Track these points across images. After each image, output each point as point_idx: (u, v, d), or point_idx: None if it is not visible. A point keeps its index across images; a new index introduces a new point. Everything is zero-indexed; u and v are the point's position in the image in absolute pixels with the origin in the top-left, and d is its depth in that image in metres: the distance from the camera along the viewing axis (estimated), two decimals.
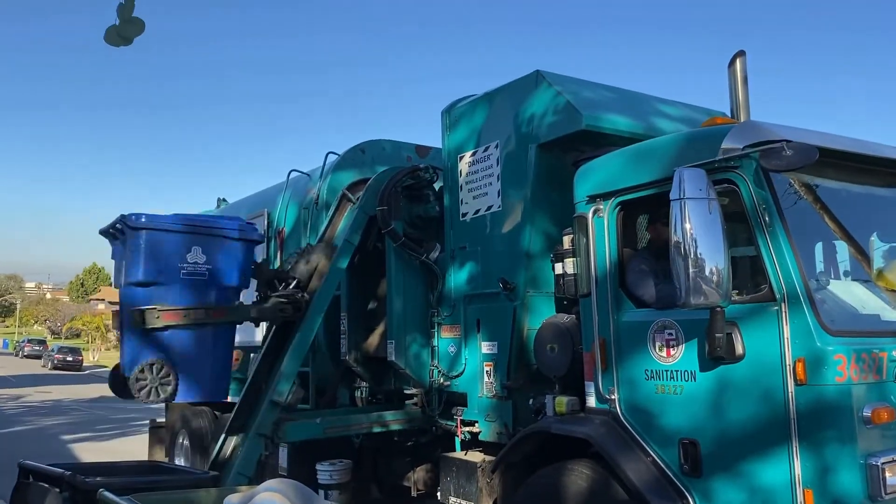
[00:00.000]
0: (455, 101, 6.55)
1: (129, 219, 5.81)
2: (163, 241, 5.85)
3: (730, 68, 4.95)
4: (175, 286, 5.87)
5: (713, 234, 3.70)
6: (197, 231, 6.01)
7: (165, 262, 5.84)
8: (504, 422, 5.62)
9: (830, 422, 3.59)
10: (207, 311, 5.97)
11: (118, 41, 3.49)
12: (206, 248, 5.98)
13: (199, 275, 5.94)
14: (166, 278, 5.84)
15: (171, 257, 5.86)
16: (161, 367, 5.82)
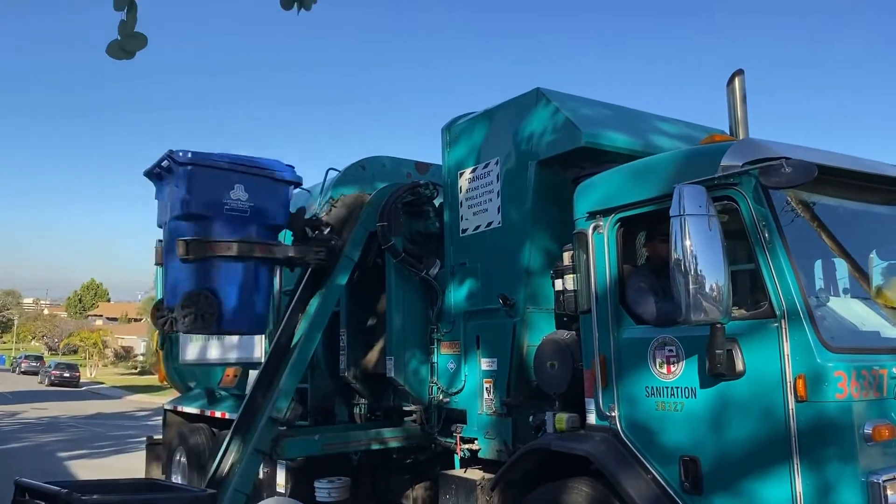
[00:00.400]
0: (455, 118, 6.58)
1: (177, 154, 5.97)
2: (208, 176, 6.03)
3: (728, 87, 4.99)
4: (218, 221, 6.04)
5: (713, 251, 3.71)
6: (240, 169, 6.19)
7: (210, 196, 6.03)
8: (504, 439, 5.59)
9: (831, 439, 3.58)
10: (251, 245, 6.11)
11: (121, 54, 3.51)
12: (248, 186, 6.16)
13: (241, 211, 6.12)
14: (210, 213, 6.03)
15: (215, 193, 6.04)
16: (206, 297, 5.92)
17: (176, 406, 9.76)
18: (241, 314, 6.15)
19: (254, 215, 6.19)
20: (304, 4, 3.69)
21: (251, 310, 6.25)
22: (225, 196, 6.06)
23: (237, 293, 6.11)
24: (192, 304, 5.86)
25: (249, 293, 6.20)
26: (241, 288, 6.14)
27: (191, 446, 9.00)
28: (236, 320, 6.15)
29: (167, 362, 10.72)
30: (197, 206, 6.00)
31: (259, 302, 6.36)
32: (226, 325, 6.09)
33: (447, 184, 6.50)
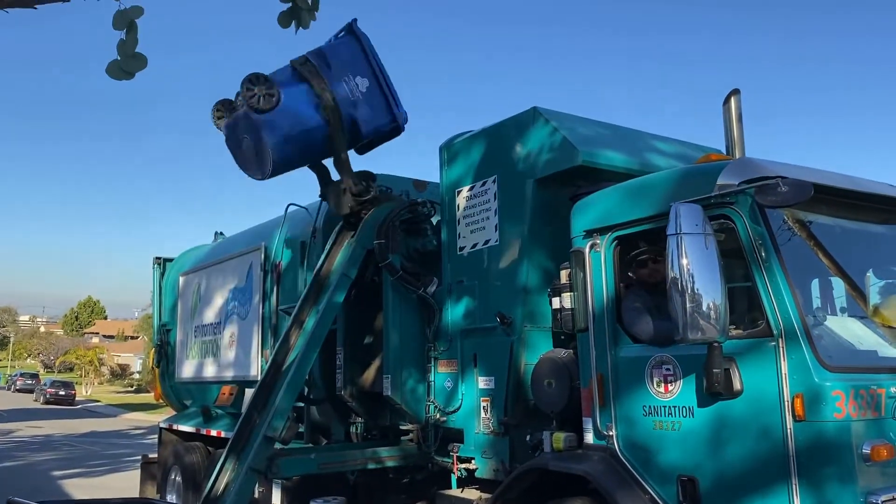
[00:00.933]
0: (453, 137, 6.61)
1: (356, 25, 6.80)
2: (355, 51, 6.76)
3: (725, 106, 5.01)
4: (332, 81, 6.57)
5: (710, 270, 3.71)
6: (377, 75, 6.74)
7: (343, 62, 6.67)
8: (501, 458, 5.56)
9: (830, 459, 3.57)
10: (335, 107, 6.51)
11: (121, 75, 3.54)
12: (370, 88, 6.71)
13: (350, 94, 6.62)
14: (333, 69, 6.60)
15: (348, 64, 6.67)
16: (269, 83, 6.31)
17: (171, 424, 9.70)
18: (280, 130, 6.42)
19: (354, 106, 6.62)
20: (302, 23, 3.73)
21: (286, 140, 6.49)
22: (351, 73, 6.63)
23: (295, 113, 6.47)
24: (253, 87, 6.28)
25: (299, 127, 6.52)
26: (300, 114, 6.51)
27: (186, 465, 8.94)
28: (273, 128, 6.38)
29: (163, 380, 10.68)
30: (333, 56, 6.62)
31: (296, 148, 6.62)
32: (265, 125, 6.34)
33: (445, 202, 6.51)
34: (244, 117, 6.41)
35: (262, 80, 6.31)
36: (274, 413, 6.13)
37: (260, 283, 8.28)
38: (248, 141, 6.50)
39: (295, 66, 6.55)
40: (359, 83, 6.58)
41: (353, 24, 6.74)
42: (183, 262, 10.89)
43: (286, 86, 6.44)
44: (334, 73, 6.57)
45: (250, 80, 6.28)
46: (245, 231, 9.83)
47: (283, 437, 6.12)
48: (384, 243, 6.65)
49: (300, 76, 6.52)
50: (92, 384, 61.14)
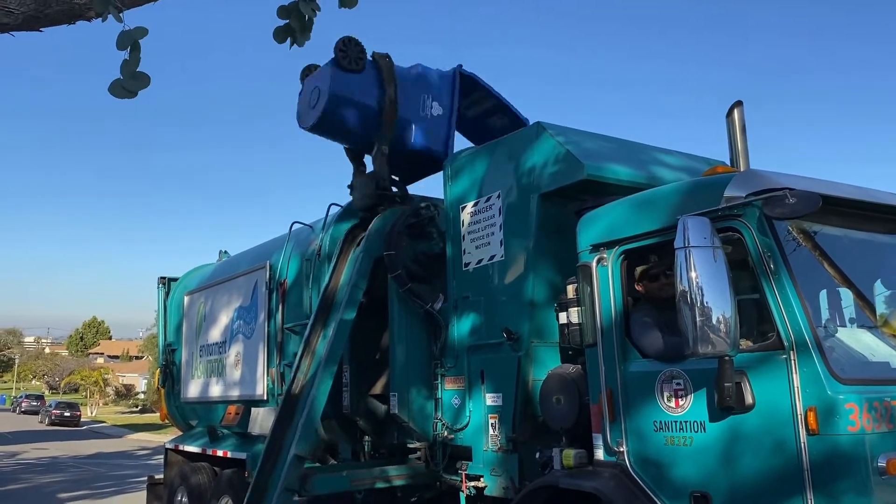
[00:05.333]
0: (456, 153, 6.62)
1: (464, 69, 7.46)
2: (436, 79, 7.35)
3: (728, 118, 5.01)
4: (411, 96, 7.09)
5: (719, 283, 3.68)
6: (453, 108, 7.27)
7: (426, 86, 7.23)
8: (510, 476, 5.50)
9: (845, 472, 3.51)
10: (393, 107, 6.97)
11: (123, 93, 3.55)
12: (441, 116, 7.26)
13: (421, 111, 7.12)
14: (413, 87, 7.17)
15: (430, 88, 7.24)
16: (362, 48, 6.97)
17: (177, 445, 9.65)
18: (347, 90, 6.91)
19: (418, 119, 7.09)
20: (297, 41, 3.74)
21: (345, 103, 6.94)
22: (429, 96, 7.19)
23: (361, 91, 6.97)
24: (352, 42, 6.94)
25: (358, 101, 6.96)
26: (365, 91, 6.98)
27: (192, 486, 8.88)
28: (343, 86, 6.88)
29: (168, 400, 10.64)
30: (419, 78, 7.18)
31: (353, 113, 7.03)
32: (338, 80, 6.87)
33: (449, 218, 6.50)
34: (325, 70, 6.92)
35: (355, 44, 6.87)
36: (301, 431, 6.18)
37: (265, 302, 8.26)
38: (316, 90, 6.99)
39: (375, 56, 7.03)
40: (433, 106, 7.03)
41: (458, 67, 7.27)
42: (188, 281, 10.88)
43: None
44: (418, 87, 7.09)
45: (345, 42, 6.83)
46: (249, 249, 9.83)
47: (312, 454, 6.22)
48: (395, 255, 6.64)
49: (376, 65, 7.01)
50: (97, 405, 61.03)
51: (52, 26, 3.81)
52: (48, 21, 3.77)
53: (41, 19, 3.73)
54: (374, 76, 7.00)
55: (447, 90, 7.28)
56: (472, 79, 7.62)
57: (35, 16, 3.69)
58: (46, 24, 3.78)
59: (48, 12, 3.72)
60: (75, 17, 3.78)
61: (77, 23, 3.85)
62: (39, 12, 3.69)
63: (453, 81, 7.34)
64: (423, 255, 6.86)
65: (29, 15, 3.68)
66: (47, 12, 3.72)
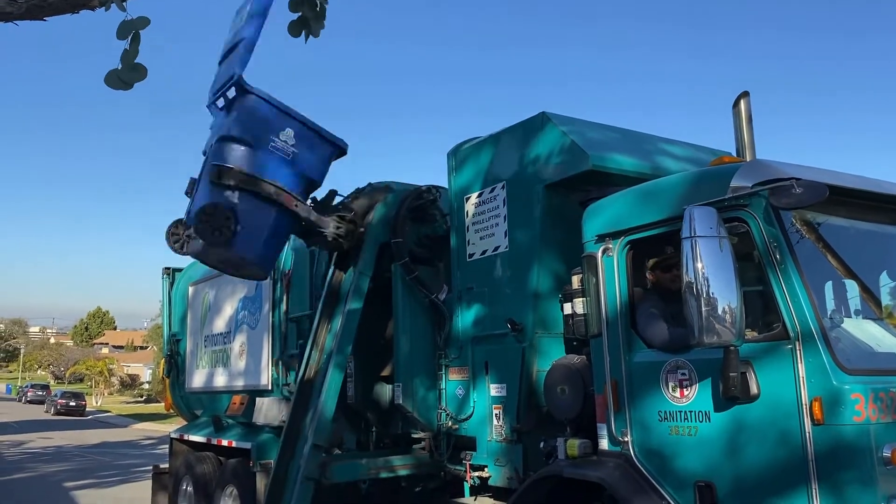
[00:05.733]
0: (460, 143, 6.59)
1: (245, 82, 6.17)
2: (266, 110, 6.27)
3: (734, 109, 4.99)
4: (260, 153, 6.20)
5: (725, 272, 3.67)
6: (296, 116, 6.41)
7: (261, 128, 6.23)
8: (514, 466, 5.52)
9: (849, 463, 3.51)
10: (278, 191, 6.22)
11: (119, 84, 3.54)
12: (297, 133, 6.36)
13: (284, 153, 6.30)
14: (255, 142, 6.20)
15: (267, 126, 6.25)
16: (224, 213, 6.02)
17: (182, 434, 9.68)
18: (255, 243, 6.26)
19: (294, 161, 6.37)
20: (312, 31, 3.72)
21: (262, 246, 6.35)
22: (274, 133, 6.28)
23: (254, 226, 6.21)
24: (209, 216, 5.96)
25: (264, 232, 6.30)
26: (258, 224, 6.25)
27: (197, 475, 8.92)
28: (248, 246, 6.23)
29: (173, 390, 10.68)
30: (246, 132, 6.21)
31: (272, 243, 6.47)
32: (236, 246, 6.14)
33: (453, 208, 6.49)
34: (216, 252, 6.28)
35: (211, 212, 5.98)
36: (318, 420, 6.24)
37: (269, 292, 8.27)
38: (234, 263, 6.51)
39: (228, 183, 6.05)
40: (285, 137, 6.33)
41: (242, 84, 6.14)
42: (192, 271, 10.88)
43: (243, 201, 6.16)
44: (259, 146, 6.19)
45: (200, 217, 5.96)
46: None
47: (330, 443, 6.26)
48: (402, 242, 6.64)
49: (239, 189, 6.10)
50: (102, 395, 61.32)
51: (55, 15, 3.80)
52: (51, 10, 3.75)
53: (45, 8, 3.71)
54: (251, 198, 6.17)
55: (268, 110, 6.32)
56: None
57: (39, 4, 3.68)
58: (50, 13, 3.76)
59: (52, 1, 3.71)
60: (78, 5, 3.76)
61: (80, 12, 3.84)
62: (43, 1, 3.67)
63: (260, 99, 6.26)
64: (426, 238, 6.87)
65: (33, 4, 3.67)
66: (51, 1, 3.70)
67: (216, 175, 6.04)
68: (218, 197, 6.10)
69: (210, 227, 5.93)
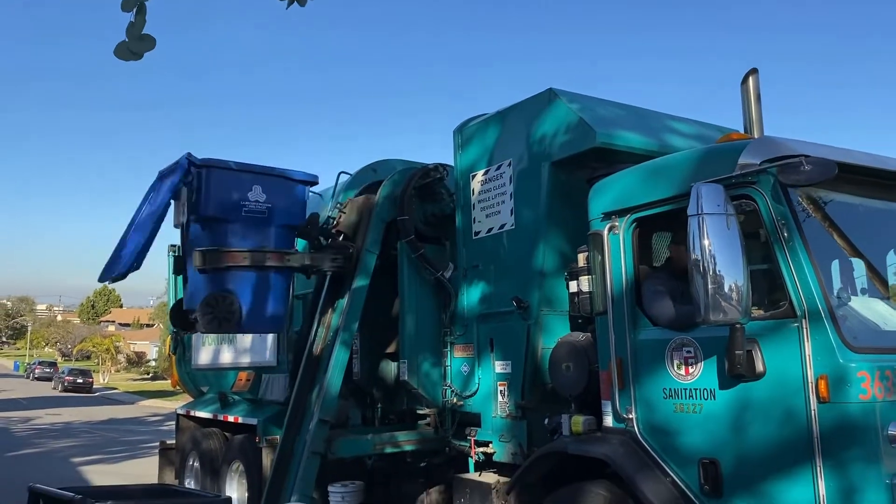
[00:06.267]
0: (467, 120, 6.56)
1: (195, 158, 6.09)
2: (225, 178, 6.20)
3: (743, 86, 4.94)
4: (236, 224, 6.18)
5: (732, 250, 3.65)
6: (257, 171, 6.38)
7: (227, 199, 6.17)
8: (519, 442, 5.55)
9: (854, 440, 3.52)
10: (265, 255, 6.23)
11: (129, 56, 3.51)
12: (265, 187, 6.30)
13: (259, 213, 6.28)
14: (228, 215, 6.17)
15: (233, 194, 6.18)
16: (224, 300, 6.06)
17: (188, 411, 9.76)
18: (259, 316, 6.32)
19: (272, 215, 6.34)
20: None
21: (269, 311, 6.42)
22: (243, 197, 6.21)
23: (255, 297, 6.24)
24: (211, 308, 6.01)
25: (266, 296, 6.35)
26: (258, 292, 6.27)
27: (203, 451, 8.99)
28: (255, 322, 6.32)
29: (179, 367, 10.72)
30: (214, 210, 6.13)
31: (277, 303, 6.52)
32: (245, 326, 6.26)
33: (459, 186, 6.47)
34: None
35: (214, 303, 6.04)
36: (325, 395, 6.29)
37: None
38: None
39: (216, 266, 6.04)
40: (255, 196, 6.24)
41: (194, 162, 6.05)
42: None
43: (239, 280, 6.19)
44: (233, 217, 6.14)
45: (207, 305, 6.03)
46: None
47: (336, 417, 6.32)
48: (408, 220, 6.64)
49: (228, 267, 6.11)
50: (109, 372, 61.71)
51: None
52: None
53: None
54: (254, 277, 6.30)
55: (227, 177, 6.27)
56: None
57: None
58: None
59: None
60: None
61: None
62: None
63: (215, 169, 6.22)
64: (433, 217, 6.86)
65: None
66: None
67: (201, 261, 5.96)
68: (211, 283, 6.08)
69: (216, 320, 6.01)
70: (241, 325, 6.19)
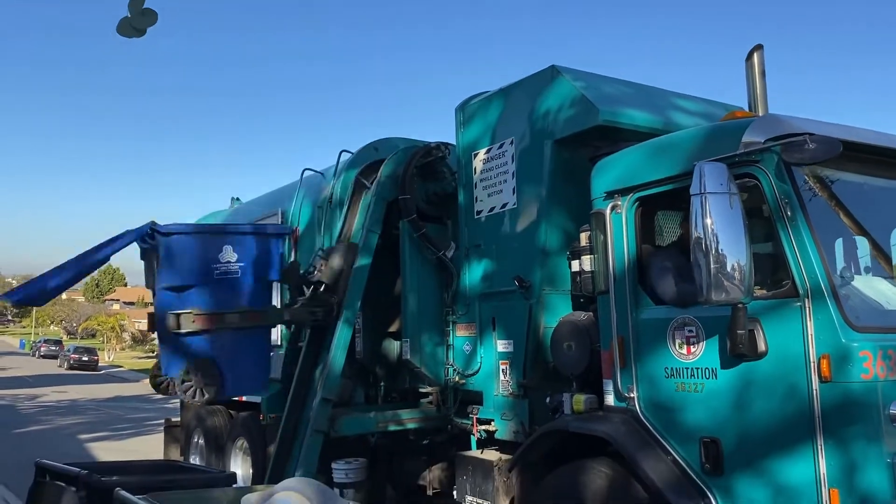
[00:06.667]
0: (469, 98, 6.51)
1: (160, 226, 5.86)
2: (194, 244, 5.93)
3: (747, 62, 4.89)
4: (209, 286, 5.91)
5: (734, 229, 3.63)
6: (227, 231, 6.15)
7: (198, 264, 5.90)
8: (520, 420, 5.57)
9: (856, 419, 3.52)
10: (242, 315, 6.00)
11: (131, 32, 3.49)
12: (236, 247, 6.05)
13: (232, 273, 6.01)
14: (200, 280, 5.88)
15: (203, 259, 5.91)
16: (204, 368, 5.82)
17: None
18: (243, 378, 6.15)
19: (245, 274, 6.06)
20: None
21: (252, 372, 6.22)
22: (213, 260, 5.93)
23: (235, 358, 6.02)
24: (192, 375, 5.80)
25: (248, 356, 6.16)
26: (238, 353, 6.05)
27: (208, 428, 9.06)
28: (239, 385, 6.18)
29: None
30: (183, 278, 5.86)
31: (259, 362, 6.32)
32: (229, 390, 6.08)
33: (461, 165, 6.44)
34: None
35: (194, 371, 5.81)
36: (328, 374, 6.30)
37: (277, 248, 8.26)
38: None
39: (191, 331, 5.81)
40: (226, 257, 5.95)
41: (158, 230, 5.84)
42: None
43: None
44: (204, 281, 5.90)
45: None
46: (261, 196, 9.81)
47: (339, 396, 6.32)
48: (410, 199, 6.61)
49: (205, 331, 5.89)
50: (114, 350, 62.10)
51: None
52: None
53: None
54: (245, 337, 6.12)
55: (191, 242, 6.04)
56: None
57: None
58: None
59: None
60: None
61: None
62: None
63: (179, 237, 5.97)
64: (434, 196, 6.84)
65: None
66: None
67: (175, 326, 5.76)
68: (187, 348, 5.87)
69: (198, 387, 5.77)
70: (224, 390, 5.96)
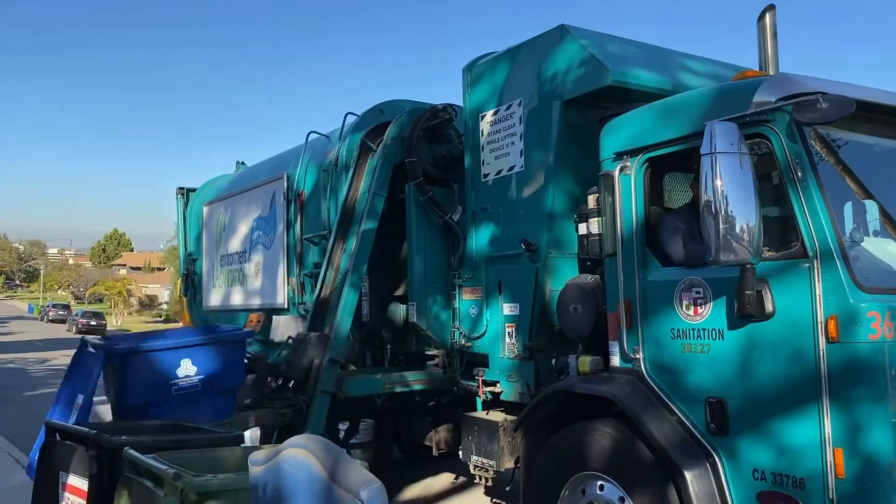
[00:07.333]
0: (476, 58, 6.43)
1: (111, 348, 5.71)
2: (147, 363, 5.74)
3: (759, 23, 4.81)
4: (167, 404, 5.71)
5: (744, 190, 3.60)
6: (186, 343, 5.93)
7: (152, 383, 5.71)
8: (526, 382, 5.60)
9: (862, 380, 3.51)
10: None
11: None
12: (195, 359, 5.87)
13: (192, 387, 5.84)
14: (158, 398, 5.70)
15: (160, 376, 5.73)
16: None
17: None
18: None
19: (206, 385, 5.89)
20: None
21: None
22: (171, 376, 5.77)
23: None
24: None
25: None
26: None
27: None
28: None
29: (191, 309, 10.86)
30: (142, 398, 5.70)
31: None
32: None
33: (468, 127, 6.38)
34: None
35: None
36: (335, 335, 6.35)
37: (283, 212, 8.27)
38: None
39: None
40: (185, 371, 5.75)
41: (108, 353, 5.69)
42: (206, 192, 10.90)
43: None
44: (163, 398, 5.72)
45: None
46: (267, 160, 9.78)
47: (346, 358, 6.37)
48: (416, 161, 6.58)
49: None
50: (122, 315, 62.55)
51: None
52: None
53: None
54: None
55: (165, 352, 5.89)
56: None
57: None
58: None
59: None
60: None
61: None
62: None
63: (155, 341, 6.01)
64: (442, 159, 6.80)
65: None
66: None
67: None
68: None
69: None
70: None
